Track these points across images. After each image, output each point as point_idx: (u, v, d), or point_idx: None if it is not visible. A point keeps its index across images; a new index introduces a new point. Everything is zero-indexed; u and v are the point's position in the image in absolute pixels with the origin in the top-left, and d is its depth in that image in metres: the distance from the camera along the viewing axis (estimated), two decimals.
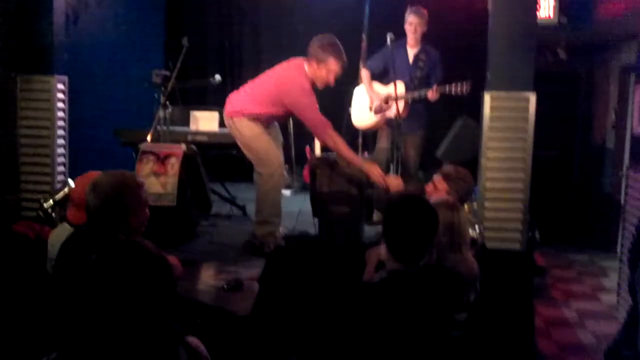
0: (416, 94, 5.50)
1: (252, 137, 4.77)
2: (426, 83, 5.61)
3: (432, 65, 5.69)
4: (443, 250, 2.79)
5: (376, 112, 5.78)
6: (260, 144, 4.78)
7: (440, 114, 6.67)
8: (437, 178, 3.73)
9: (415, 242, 2.48)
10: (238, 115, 4.78)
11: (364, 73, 5.88)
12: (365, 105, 5.88)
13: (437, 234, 2.67)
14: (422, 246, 2.49)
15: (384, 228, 2.56)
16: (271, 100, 4.75)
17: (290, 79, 4.68)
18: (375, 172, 4.48)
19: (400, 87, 5.51)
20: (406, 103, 5.54)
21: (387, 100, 5.68)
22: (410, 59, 5.69)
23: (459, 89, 5.36)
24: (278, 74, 4.81)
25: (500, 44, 4.80)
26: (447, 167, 3.90)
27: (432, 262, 2.61)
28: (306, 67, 4.70)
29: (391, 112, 5.61)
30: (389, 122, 5.70)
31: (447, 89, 5.40)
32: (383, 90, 5.76)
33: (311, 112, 4.59)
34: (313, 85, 4.71)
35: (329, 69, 4.63)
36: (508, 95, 4.75)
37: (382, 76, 5.82)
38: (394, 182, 4.41)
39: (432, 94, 5.43)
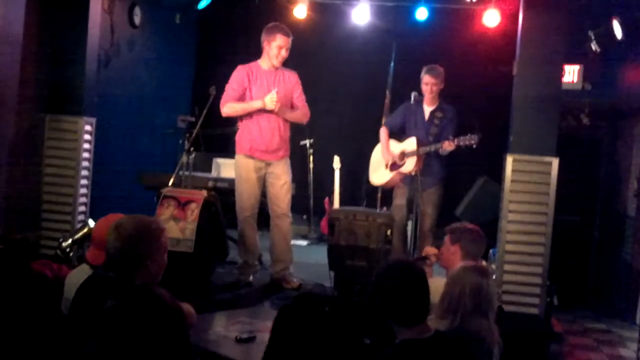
0: (432, 148, 5.44)
1: (237, 176, 5.25)
2: (441, 139, 5.52)
3: (447, 122, 5.65)
4: (466, 314, 2.76)
5: (391, 168, 5.79)
6: (239, 187, 5.22)
7: (461, 172, 6.68)
8: (445, 237, 3.68)
9: (410, 301, 2.45)
10: (237, 150, 5.28)
11: (383, 131, 5.92)
12: (382, 163, 5.90)
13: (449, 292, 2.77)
14: (418, 304, 2.46)
15: (377, 299, 2.52)
16: None
17: None
18: (267, 100, 5.03)
19: (413, 142, 5.55)
20: (419, 158, 5.53)
21: (401, 156, 5.70)
22: (426, 116, 5.69)
23: (467, 141, 5.32)
24: None
25: (524, 108, 4.81)
26: (454, 224, 3.78)
27: (454, 326, 2.57)
28: (260, 61, 5.24)
29: (406, 169, 5.63)
30: (404, 179, 5.70)
31: (456, 141, 5.36)
32: (397, 147, 5.78)
33: (226, 90, 5.24)
34: (274, 70, 5.24)
35: (278, 45, 5.11)
36: (530, 159, 4.75)
37: (400, 134, 5.85)
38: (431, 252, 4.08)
39: (447, 144, 5.35)
